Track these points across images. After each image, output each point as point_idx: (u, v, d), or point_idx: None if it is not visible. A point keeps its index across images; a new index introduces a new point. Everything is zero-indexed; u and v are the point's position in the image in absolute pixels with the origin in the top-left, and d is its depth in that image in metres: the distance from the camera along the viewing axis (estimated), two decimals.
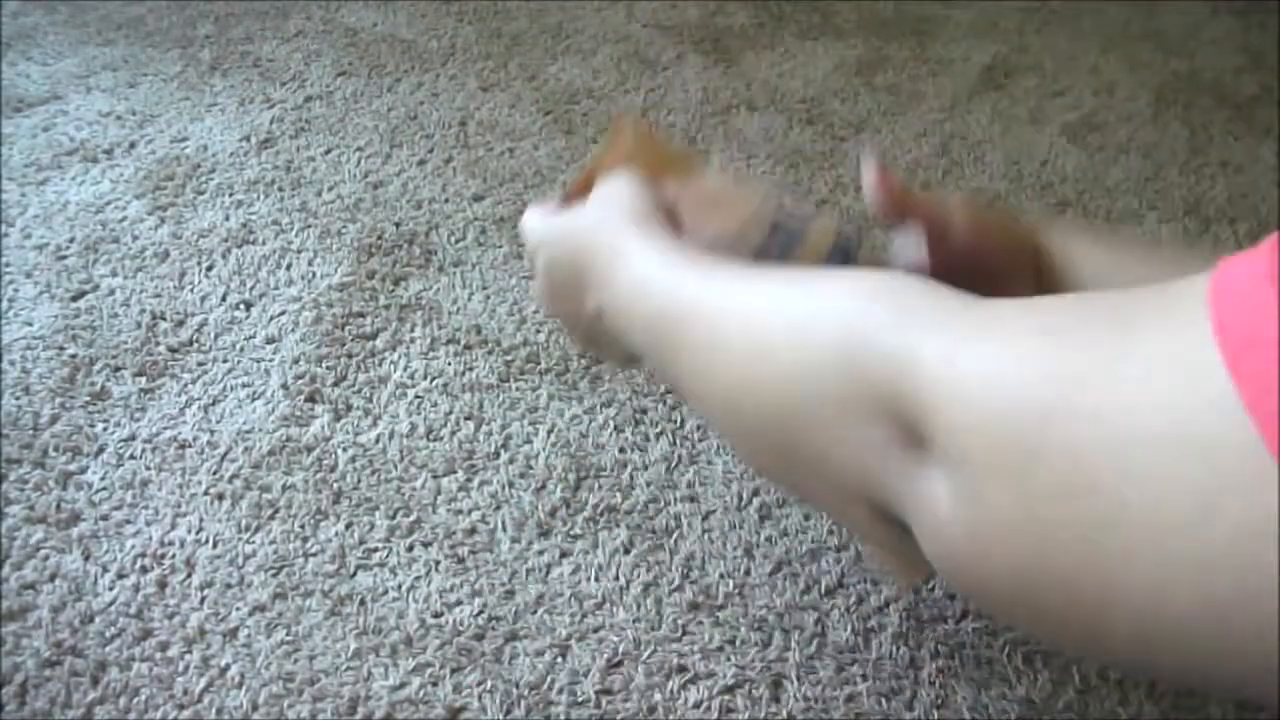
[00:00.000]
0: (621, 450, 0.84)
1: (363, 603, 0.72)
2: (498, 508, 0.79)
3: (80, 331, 0.91)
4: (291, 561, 0.75)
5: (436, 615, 0.72)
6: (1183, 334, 0.32)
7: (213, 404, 0.86)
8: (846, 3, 1.48)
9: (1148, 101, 1.30)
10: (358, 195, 1.09)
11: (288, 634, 0.70)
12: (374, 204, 1.08)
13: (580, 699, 0.68)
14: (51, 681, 0.67)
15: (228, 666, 0.69)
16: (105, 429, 0.84)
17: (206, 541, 0.76)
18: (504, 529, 0.78)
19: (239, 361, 0.90)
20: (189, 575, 0.74)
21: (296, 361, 0.90)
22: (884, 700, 0.68)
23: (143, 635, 0.70)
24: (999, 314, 0.40)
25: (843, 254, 0.62)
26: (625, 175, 0.62)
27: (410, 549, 0.76)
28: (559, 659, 0.70)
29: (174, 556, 0.75)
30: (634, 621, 0.72)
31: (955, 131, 1.23)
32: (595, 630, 0.72)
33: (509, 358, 0.91)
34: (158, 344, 0.91)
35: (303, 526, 0.77)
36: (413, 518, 0.78)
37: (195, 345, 0.91)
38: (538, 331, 0.94)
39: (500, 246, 1.03)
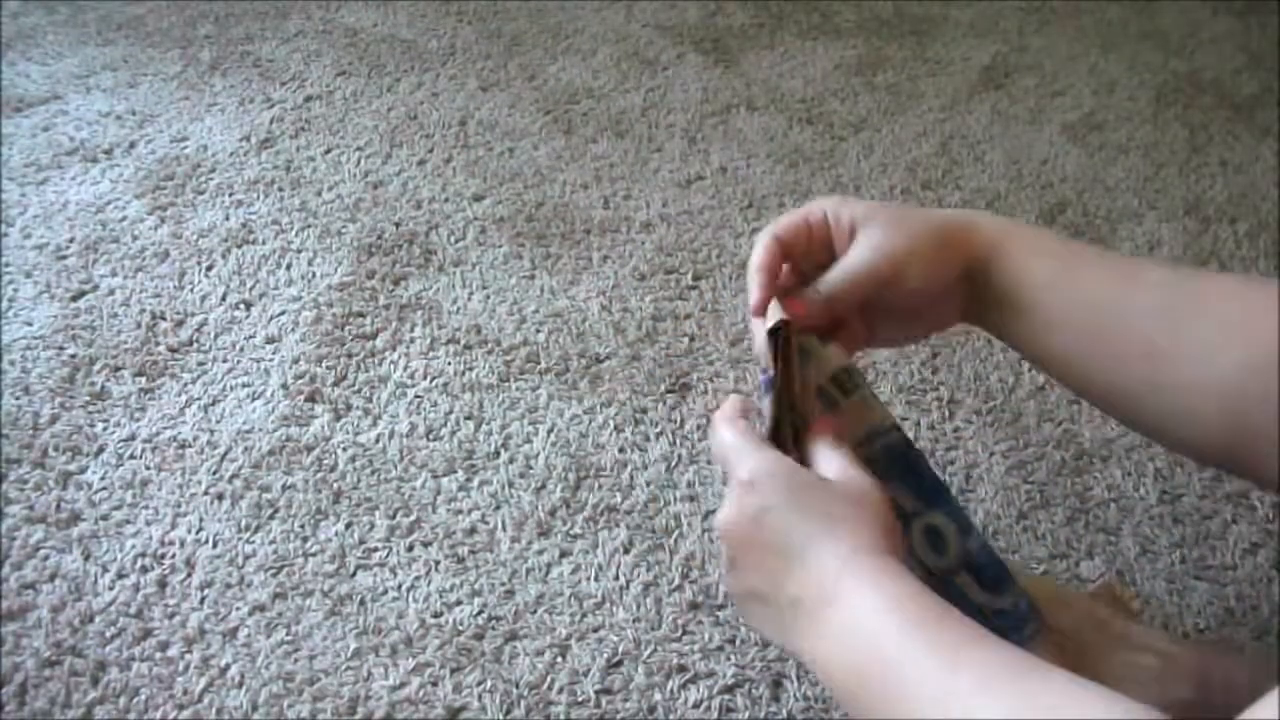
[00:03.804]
0: (621, 450, 0.84)
1: (363, 603, 0.72)
2: (498, 508, 0.79)
3: (80, 331, 0.91)
4: (291, 561, 0.75)
5: (436, 615, 0.72)
6: None
7: (213, 404, 0.86)
8: (846, 3, 1.48)
9: (1148, 101, 1.30)
10: (358, 195, 1.09)
11: (288, 634, 0.70)
12: (374, 204, 1.08)
13: (580, 699, 0.68)
14: (51, 681, 0.67)
15: (228, 666, 0.69)
16: (105, 429, 0.84)
17: (206, 541, 0.76)
18: (504, 529, 0.78)
19: (239, 361, 0.90)
20: (189, 575, 0.74)
21: (296, 361, 0.90)
22: None
23: (143, 635, 0.70)
24: None
25: (847, 374, 0.61)
26: (870, 481, 0.55)
27: (410, 549, 0.76)
28: (559, 659, 0.70)
29: (174, 556, 0.75)
30: (634, 621, 0.72)
31: (955, 131, 1.23)
32: (595, 630, 0.72)
33: (509, 358, 0.91)
34: (158, 344, 0.91)
35: (303, 526, 0.77)
36: (413, 518, 0.78)
37: (195, 345, 0.91)
38: (538, 331, 0.94)
39: (500, 246, 1.03)
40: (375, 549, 0.76)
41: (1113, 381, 0.60)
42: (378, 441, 0.84)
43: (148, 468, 0.81)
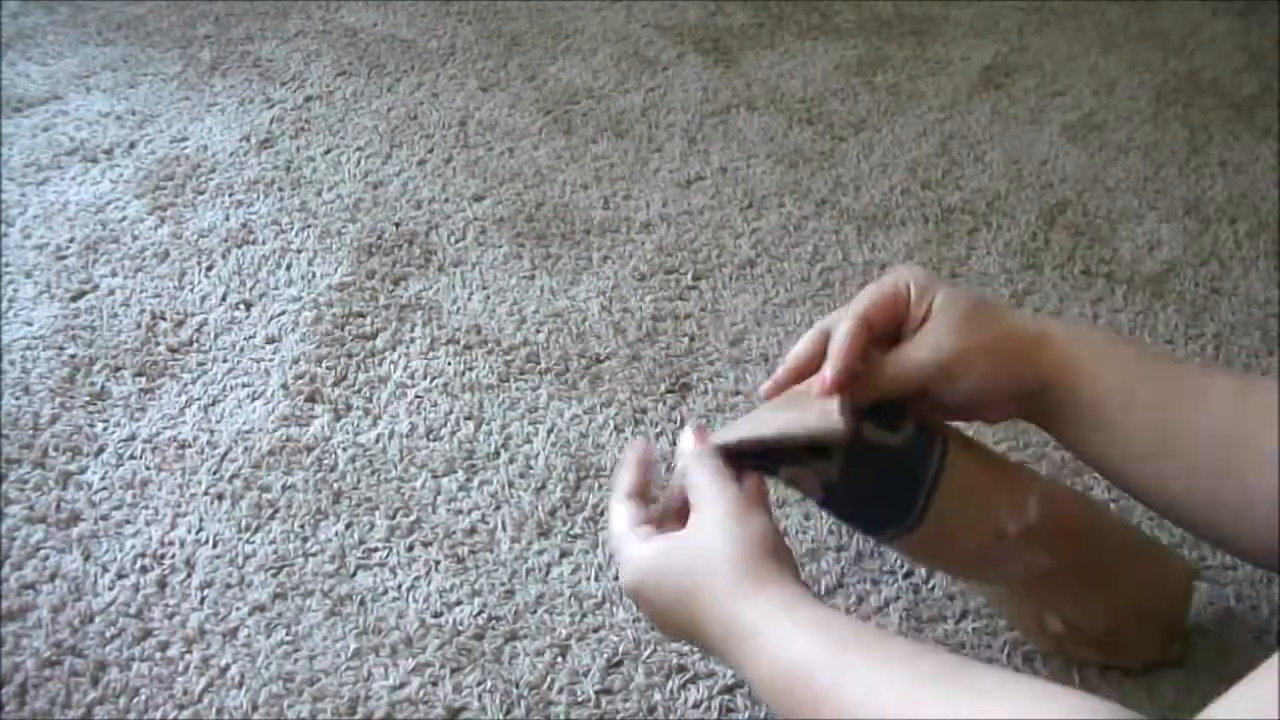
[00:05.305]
0: (621, 450, 0.84)
1: (363, 603, 0.73)
2: (498, 508, 0.79)
3: (80, 331, 0.92)
4: (291, 561, 0.75)
5: (436, 615, 0.72)
6: None
7: (213, 404, 0.86)
8: (846, 3, 1.48)
9: (1148, 101, 1.30)
10: (358, 195, 1.09)
11: (288, 634, 0.70)
12: (374, 204, 1.08)
13: (580, 699, 0.68)
14: (51, 681, 0.67)
15: (228, 666, 0.69)
16: (105, 429, 0.84)
17: (206, 541, 0.76)
18: (504, 529, 0.78)
19: (239, 361, 0.90)
20: (189, 575, 0.74)
21: (296, 361, 0.90)
22: None
23: (143, 635, 0.70)
24: None
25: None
26: (730, 505, 0.57)
27: (410, 549, 0.76)
28: (559, 659, 0.70)
29: (174, 556, 0.75)
30: (634, 621, 0.72)
31: (955, 131, 1.23)
32: (595, 630, 0.72)
33: (509, 358, 0.91)
34: (158, 344, 0.91)
35: (303, 526, 0.77)
36: (413, 518, 0.78)
37: (195, 345, 0.91)
38: (538, 331, 0.94)
39: (500, 246, 1.03)
40: (375, 549, 0.76)
41: (1179, 492, 0.61)
42: (378, 441, 0.84)
43: (148, 468, 0.81)
